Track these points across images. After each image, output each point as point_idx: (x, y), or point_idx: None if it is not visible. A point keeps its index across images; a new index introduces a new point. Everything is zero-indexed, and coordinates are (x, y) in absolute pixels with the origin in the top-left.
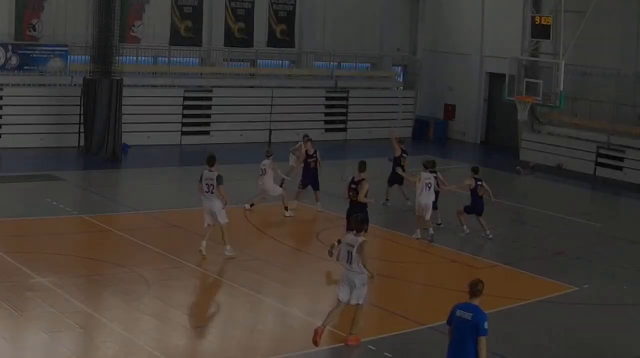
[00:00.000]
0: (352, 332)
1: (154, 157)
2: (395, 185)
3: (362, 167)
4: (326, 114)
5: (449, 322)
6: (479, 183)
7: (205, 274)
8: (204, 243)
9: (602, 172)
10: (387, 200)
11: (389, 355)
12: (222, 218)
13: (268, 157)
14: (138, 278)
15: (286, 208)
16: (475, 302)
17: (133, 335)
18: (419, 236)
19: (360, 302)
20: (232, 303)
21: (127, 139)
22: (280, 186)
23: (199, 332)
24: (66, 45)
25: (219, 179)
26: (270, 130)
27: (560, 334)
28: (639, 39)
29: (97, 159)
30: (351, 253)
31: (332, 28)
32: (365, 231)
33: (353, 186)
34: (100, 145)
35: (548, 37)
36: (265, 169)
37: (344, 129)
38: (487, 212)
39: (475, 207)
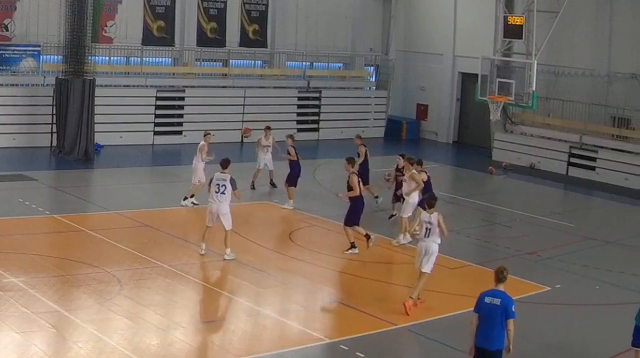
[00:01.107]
0: (412, 296)
1: (127, 157)
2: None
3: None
4: (299, 114)
5: (476, 310)
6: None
7: (178, 274)
8: (203, 245)
9: (574, 172)
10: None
11: (361, 355)
12: (227, 224)
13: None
14: (110, 278)
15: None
16: (501, 287)
17: (105, 335)
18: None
19: (427, 271)
20: (204, 303)
21: (99, 138)
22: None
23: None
24: (39, 45)
25: (233, 182)
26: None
27: (532, 334)
28: (612, 39)
29: (69, 159)
30: (429, 229)
31: (304, 28)
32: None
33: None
34: (72, 145)
35: (520, 37)
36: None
37: (317, 129)
38: (459, 211)
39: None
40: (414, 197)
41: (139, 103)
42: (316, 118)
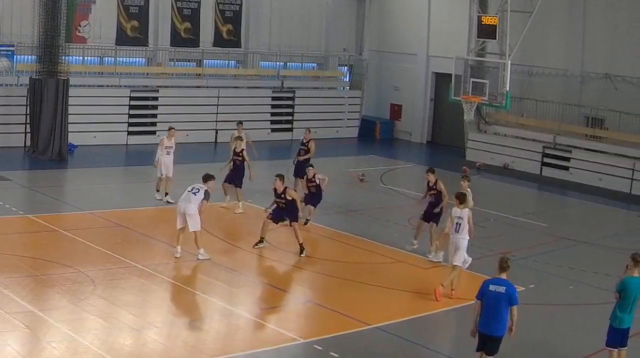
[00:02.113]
0: (443, 284)
1: (100, 156)
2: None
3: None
4: (272, 114)
5: (479, 297)
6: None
7: (151, 274)
8: (178, 248)
9: (548, 172)
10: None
11: (335, 355)
12: (193, 225)
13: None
14: (84, 278)
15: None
16: (504, 276)
17: (79, 334)
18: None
19: (458, 263)
20: (178, 302)
21: (73, 138)
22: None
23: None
24: (12, 45)
25: (207, 194)
26: (217, 130)
27: (507, 334)
28: (585, 39)
29: (43, 159)
30: (460, 224)
31: (278, 28)
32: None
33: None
34: (46, 145)
35: (494, 37)
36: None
37: (290, 129)
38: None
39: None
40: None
41: (113, 103)
42: (290, 118)
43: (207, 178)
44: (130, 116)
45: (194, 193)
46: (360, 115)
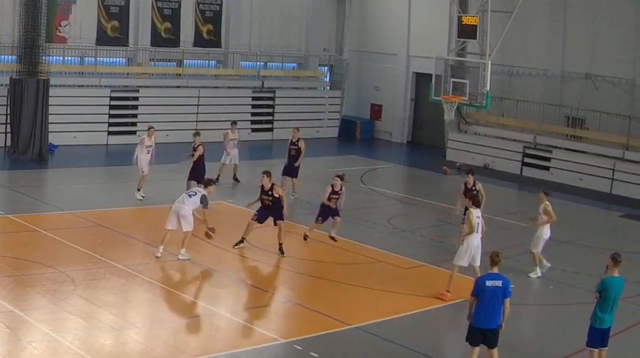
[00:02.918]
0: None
1: (81, 157)
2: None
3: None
4: (253, 114)
5: (475, 293)
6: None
7: (132, 274)
8: (160, 248)
9: (528, 172)
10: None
11: (315, 355)
12: (186, 226)
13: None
14: (64, 278)
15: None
16: (496, 270)
17: (59, 334)
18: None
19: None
20: (158, 303)
21: (53, 138)
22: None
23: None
24: None
25: (205, 200)
26: (197, 130)
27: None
28: (565, 39)
29: (23, 159)
30: (478, 224)
31: (258, 28)
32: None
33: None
34: (26, 145)
35: (474, 37)
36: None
37: (271, 129)
38: (414, 211)
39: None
40: (546, 232)
41: (93, 103)
42: (270, 118)
43: (207, 183)
44: (111, 116)
45: (190, 195)
46: (341, 115)
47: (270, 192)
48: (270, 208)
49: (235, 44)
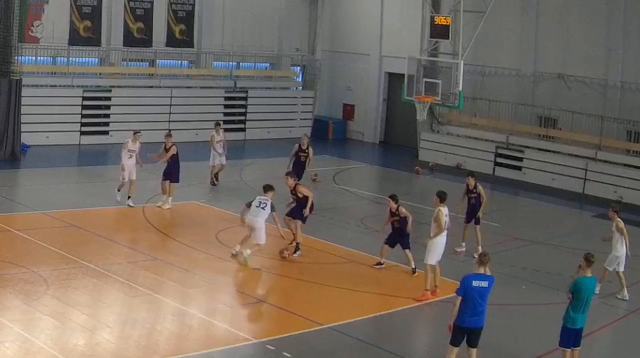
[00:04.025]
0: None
1: (53, 157)
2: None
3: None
4: (225, 114)
5: (461, 293)
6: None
7: (104, 274)
8: (237, 247)
9: (501, 172)
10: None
11: (287, 355)
12: (258, 238)
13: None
14: (37, 278)
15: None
16: (482, 270)
17: (32, 335)
18: None
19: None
20: (130, 303)
21: (26, 138)
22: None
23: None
24: None
25: (273, 206)
26: (170, 130)
27: None
28: (538, 39)
29: None
30: (446, 222)
31: (231, 28)
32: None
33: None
34: None
35: (447, 37)
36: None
37: (243, 129)
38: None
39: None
40: (621, 250)
41: (66, 103)
42: (243, 118)
43: (267, 188)
44: (83, 116)
45: (262, 207)
46: (313, 115)
47: (294, 192)
48: (296, 207)
49: (207, 44)
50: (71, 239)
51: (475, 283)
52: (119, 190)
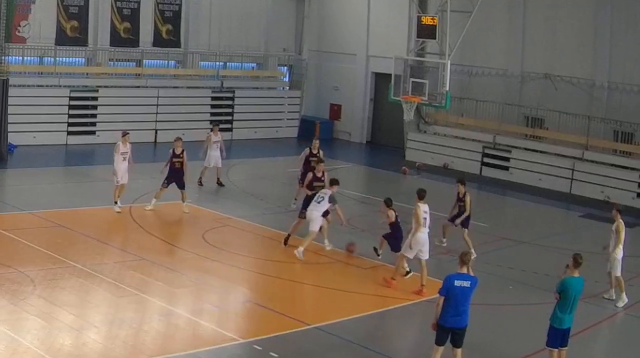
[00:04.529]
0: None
1: (40, 157)
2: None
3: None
4: (212, 114)
5: (444, 293)
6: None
7: (91, 274)
8: (326, 241)
9: (488, 172)
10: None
11: (274, 355)
12: (312, 226)
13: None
14: (24, 278)
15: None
16: (464, 270)
17: (19, 334)
18: None
19: (427, 257)
20: (117, 303)
21: (13, 138)
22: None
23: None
24: None
25: (332, 198)
26: (156, 130)
27: None
28: (525, 39)
29: None
30: (426, 218)
31: (218, 28)
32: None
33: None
34: None
35: (434, 37)
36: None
37: (230, 129)
38: (373, 212)
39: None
40: (619, 253)
41: (53, 103)
42: (230, 118)
43: (332, 183)
44: (70, 116)
45: (319, 201)
46: (300, 115)
47: (322, 178)
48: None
49: (194, 44)
50: (58, 239)
51: (457, 283)
52: (116, 202)
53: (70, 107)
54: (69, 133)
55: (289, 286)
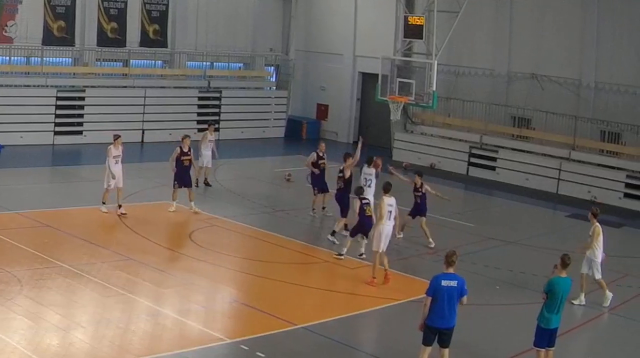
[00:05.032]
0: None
1: (27, 157)
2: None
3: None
4: (199, 114)
5: (431, 293)
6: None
7: (78, 274)
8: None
9: (474, 172)
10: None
11: (261, 355)
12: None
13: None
14: (10, 278)
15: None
16: (451, 270)
17: (6, 334)
18: None
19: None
20: (104, 303)
21: (0, 138)
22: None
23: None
24: None
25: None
26: (143, 130)
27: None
28: (512, 39)
29: None
30: (391, 212)
31: (205, 28)
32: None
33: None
34: None
35: (421, 37)
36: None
37: (217, 129)
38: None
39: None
40: (598, 255)
41: (40, 103)
42: (217, 118)
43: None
44: (57, 116)
45: (369, 185)
46: (287, 115)
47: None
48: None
49: (181, 44)
50: (45, 239)
51: (444, 283)
52: (104, 202)
53: (57, 107)
54: (56, 133)
55: (276, 286)
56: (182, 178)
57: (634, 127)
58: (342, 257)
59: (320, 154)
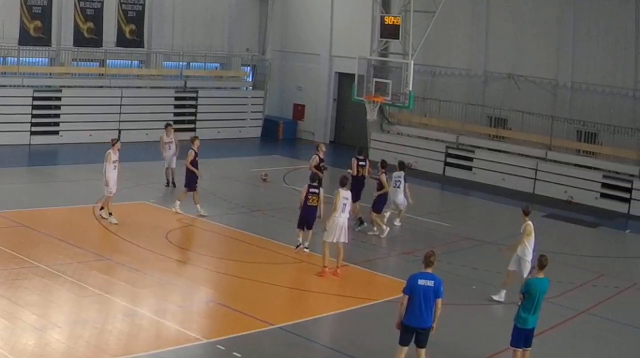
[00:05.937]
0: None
1: (3, 157)
2: None
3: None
4: (175, 114)
5: (407, 292)
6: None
7: (54, 274)
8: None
9: (451, 172)
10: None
11: (238, 355)
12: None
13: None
14: None
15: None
16: (429, 270)
17: None
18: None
19: (346, 240)
20: (81, 303)
21: None
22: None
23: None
24: None
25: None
26: (120, 130)
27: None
28: (488, 39)
29: None
30: (345, 204)
31: (181, 28)
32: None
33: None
34: None
35: (397, 37)
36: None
37: (194, 129)
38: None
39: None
40: (528, 254)
41: (16, 103)
42: (193, 118)
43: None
44: (33, 116)
45: (398, 186)
46: (264, 115)
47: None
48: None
49: (158, 44)
50: (21, 239)
51: (421, 282)
52: (111, 214)
53: (34, 107)
54: (32, 133)
55: (252, 286)
56: (195, 181)
57: (610, 127)
58: (299, 248)
59: (321, 156)
